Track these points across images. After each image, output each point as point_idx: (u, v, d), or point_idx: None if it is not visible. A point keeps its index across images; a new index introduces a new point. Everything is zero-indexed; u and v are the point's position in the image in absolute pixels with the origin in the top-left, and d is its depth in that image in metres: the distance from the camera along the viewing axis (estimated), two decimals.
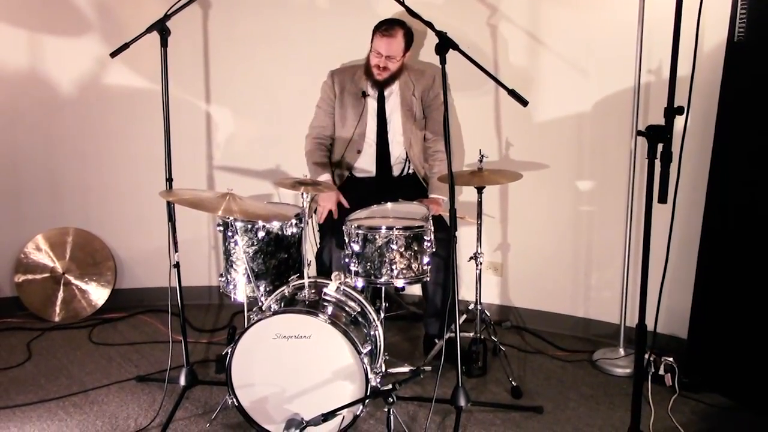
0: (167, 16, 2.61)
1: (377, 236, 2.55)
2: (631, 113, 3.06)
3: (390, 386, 2.13)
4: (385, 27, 3.09)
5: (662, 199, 1.93)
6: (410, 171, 3.39)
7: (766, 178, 2.59)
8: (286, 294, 2.61)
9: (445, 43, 2.39)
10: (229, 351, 2.41)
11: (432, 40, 2.61)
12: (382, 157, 3.32)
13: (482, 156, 2.95)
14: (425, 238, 2.60)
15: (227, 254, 2.78)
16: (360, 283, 2.62)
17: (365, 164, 3.35)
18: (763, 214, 2.61)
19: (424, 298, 3.27)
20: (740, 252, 2.71)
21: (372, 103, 3.28)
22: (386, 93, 3.27)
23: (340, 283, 2.57)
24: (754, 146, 2.63)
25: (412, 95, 3.29)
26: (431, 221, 2.67)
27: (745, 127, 2.65)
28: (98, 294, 3.86)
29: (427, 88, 3.31)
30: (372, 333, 2.58)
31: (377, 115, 3.27)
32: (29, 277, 3.77)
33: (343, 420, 2.38)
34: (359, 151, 3.31)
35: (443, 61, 2.41)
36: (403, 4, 2.48)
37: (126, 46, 2.57)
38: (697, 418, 2.68)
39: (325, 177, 3.23)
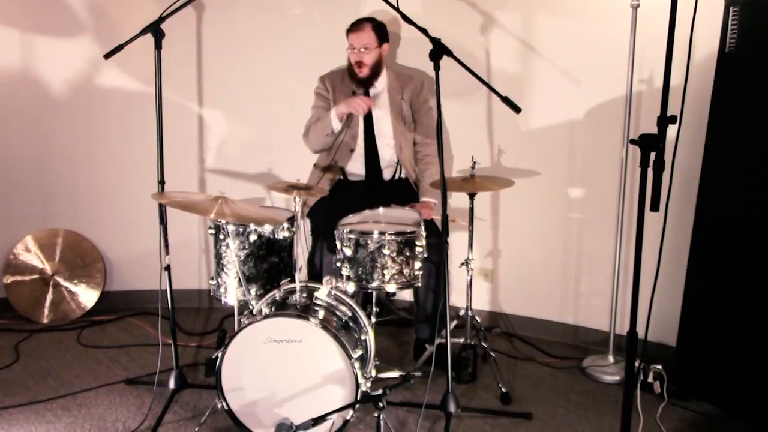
0: (162, 19, 2.60)
1: (369, 241, 2.55)
2: (622, 121, 3.08)
3: (380, 391, 2.12)
4: (353, 24, 3.23)
5: (654, 208, 1.94)
6: (402, 176, 3.39)
7: (756, 187, 2.61)
8: (277, 298, 2.61)
9: (439, 50, 2.40)
10: (219, 354, 2.41)
11: (417, 46, 2.63)
12: (372, 159, 3.33)
13: (474, 162, 2.96)
14: (417, 243, 2.60)
15: (218, 257, 2.77)
16: (351, 287, 2.62)
17: (356, 167, 3.35)
18: (754, 223, 2.63)
19: (415, 304, 3.28)
20: (730, 260, 2.73)
21: None
22: (371, 93, 3.28)
23: (331, 287, 2.57)
24: (745, 155, 2.65)
25: (402, 99, 3.30)
26: (423, 227, 2.67)
27: (736, 136, 2.68)
28: (87, 296, 3.83)
29: (415, 93, 3.33)
30: (363, 338, 2.58)
31: (364, 116, 3.28)
32: (18, 278, 3.74)
33: (333, 425, 2.38)
34: (352, 150, 3.31)
35: (437, 68, 2.41)
36: (397, 9, 2.48)
37: (120, 47, 2.56)
38: (686, 425, 2.69)
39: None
